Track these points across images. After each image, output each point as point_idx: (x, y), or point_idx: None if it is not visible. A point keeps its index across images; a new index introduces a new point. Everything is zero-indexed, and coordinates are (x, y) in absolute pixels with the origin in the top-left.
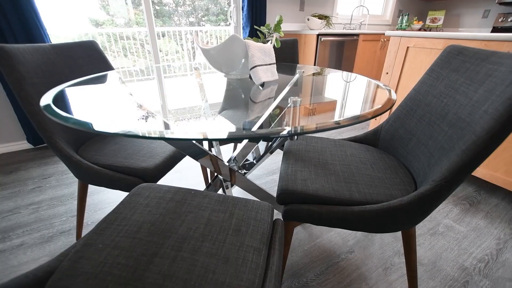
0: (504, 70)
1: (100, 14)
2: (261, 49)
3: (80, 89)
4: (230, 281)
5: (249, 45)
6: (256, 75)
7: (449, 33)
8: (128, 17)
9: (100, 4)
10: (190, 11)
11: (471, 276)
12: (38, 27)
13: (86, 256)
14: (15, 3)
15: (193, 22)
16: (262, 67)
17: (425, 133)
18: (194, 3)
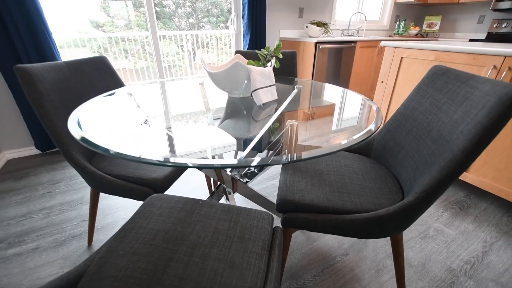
0: (478, 95)
1: (101, 15)
2: (261, 73)
3: (96, 111)
4: (236, 283)
5: (251, 70)
6: (258, 97)
7: (440, 46)
8: (128, 18)
9: (100, 5)
10: (190, 13)
11: (457, 277)
12: (45, 34)
13: (109, 261)
14: (23, 9)
15: (193, 23)
16: (263, 89)
17: (412, 146)
18: (195, 5)
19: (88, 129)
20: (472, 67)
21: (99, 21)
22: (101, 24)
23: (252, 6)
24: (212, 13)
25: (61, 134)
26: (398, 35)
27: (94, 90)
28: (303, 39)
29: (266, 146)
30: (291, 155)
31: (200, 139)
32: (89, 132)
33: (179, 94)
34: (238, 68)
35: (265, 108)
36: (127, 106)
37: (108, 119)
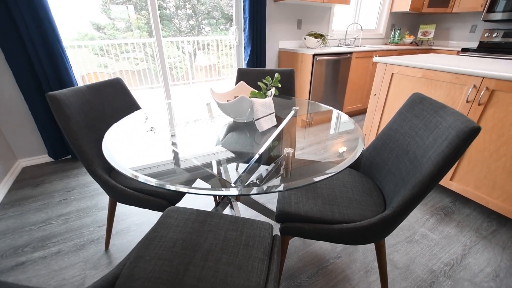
0: (445, 125)
1: (102, 17)
2: (263, 104)
3: (121, 138)
4: (243, 283)
5: (254, 102)
6: (260, 125)
7: (428, 64)
8: (129, 21)
9: (102, 8)
10: (191, 15)
11: (437, 278)
12: (57, 46)
13: (139, 266)
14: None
15: (193, 25)
16: (264, 118)
17: (394, 164)
18: (195, 8)
19: (118, 156)
20: (455, 85)
21: (100, 23)
22: (102, 26)
23: (252, 20)
24: (213, 15)
25: (86, 152)
26: (393, 43)
27: (111, 110)
28: (301, 51)
29: (266, 166)
30: (287, 183)
31: (210, 159)
32: (119, 158)
33: (189, 115)
34: (243, 101)
35: (265, 132)
36: (145, 131)
37: (130, 145)
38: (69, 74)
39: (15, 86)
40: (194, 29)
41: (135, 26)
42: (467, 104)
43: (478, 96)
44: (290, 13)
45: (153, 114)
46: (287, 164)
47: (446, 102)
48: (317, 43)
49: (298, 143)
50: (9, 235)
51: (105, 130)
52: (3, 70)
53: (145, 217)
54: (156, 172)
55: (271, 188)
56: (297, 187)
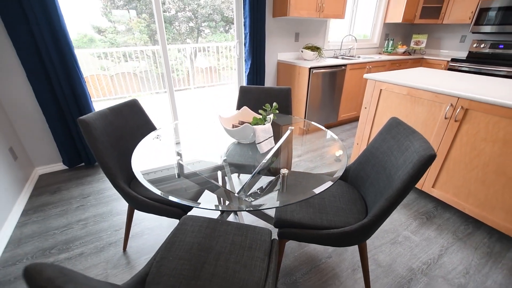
0: (412, 149)
1: (102, 20)
2: (263, 130)
3: (144, 159)
4: (248, 278)
5: (256, 129)
6: (261, 148)
7: (411, 83)
8: (130, 25)
9: (102, 11)
10: (190, 17)
11: (415, 275)
12: (71, 59)
13: (164, 264)
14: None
15: (193, 27)
16: (265, 142)
17: (375, 178)
18: (195, 11)
19: (140, 174)
20: (435, 103)
21: (101, 27)
22: (103, 29)
23: (253, 36)
24: (213, 17)
25: (111, 167)
26: (387, 53)
27: (130, 129)
28: (298, 63)
29: (266, 176)
30: (284, 199)
31: (217, 172)
32: (140, 175)
33: (198, 135)
34: (247, 128)
35: (265, 153)
36: (162, 152)
37: (149, 163)
38: (82, 87)
39: (34, 98)
40: (194, 32)
41: (136, 29)
42: (445, 120)
43: (455, 113)
44: (288, 27)
45: (165, 133)
46: (283, 182)
47: (427, 118)
48: (314, 56)
49: (295, 150)
50: (36, 239)
51: (124, 146)
52: (25, 87)
53: (157, 222)
54: (171, 185)
55: (270, 205)
56: (290, 204)
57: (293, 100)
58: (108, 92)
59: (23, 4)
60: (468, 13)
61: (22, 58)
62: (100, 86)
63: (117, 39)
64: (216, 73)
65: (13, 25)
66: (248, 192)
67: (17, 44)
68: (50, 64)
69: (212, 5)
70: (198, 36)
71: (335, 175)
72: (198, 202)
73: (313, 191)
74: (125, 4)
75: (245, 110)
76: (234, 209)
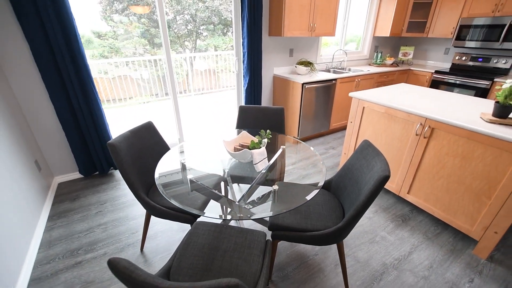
0: (376, 169)
1: (102, 25)
2: (259, 153)
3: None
4: (247, 269)
5: (253, 152)
6: (257, 167)
7: (388, 103)
8: (129, 29)
9: (101, 15)
10: (189, 20)
11: (387, 269)
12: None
13: (183, 260)
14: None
15: (192, 30)
16: (260, 162)
17: (350, 190)
18: (195, 16)
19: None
20: (408, 121)
21: (100, 31)
22: (103, 34)
23: (250, 54)
24: (211, 20)
25: (133, 182)
26: (376, 64)
27: (147, 148)
28: (292, 78)
29: (263, 186)
30: (277, 209)
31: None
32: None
33: (204, 151)
34: (246, 152)
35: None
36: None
37: (164, 179)
38: (98, 105)
39: (55, 116)
40: (192, 34)
41: (135, 33)
42: (416, 136)
43: (423, 131)
44: (283, 44)
45: (176, 154)
46: (274, 195)
47: (402, 133)
48: (307, 70)
49: (289, 159)
50: (64, 241)
51: (143, 163)
52: (48, 106)
53: (167, 226)
54: (184, 196)
55: (265, 214)
56: (281, 213)
57: (288, 111)
58: (111, 94)
59: (49, 36)
60: (450, 28)
61: (46, 82)
62: (103, 88)
63: (116, 44)
64: (215, 76)
65: (40, 54)
66: (247, 201)
67: (43, 71)
68: (71, 87)
69: (211, 6)
70: (197, 39)
71: (319, 184)
72: (204, 212)
73: (298, 202)
74: (124, 9)
75: (245, 134)
76: (236, 216)
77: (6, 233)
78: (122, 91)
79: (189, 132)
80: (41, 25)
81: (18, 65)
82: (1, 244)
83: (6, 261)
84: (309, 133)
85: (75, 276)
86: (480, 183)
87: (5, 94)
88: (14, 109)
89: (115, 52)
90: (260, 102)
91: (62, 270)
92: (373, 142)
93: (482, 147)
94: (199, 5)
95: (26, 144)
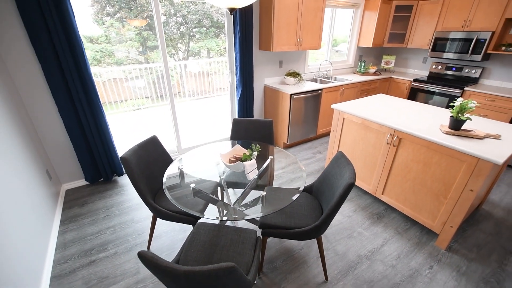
0: (345, 177)
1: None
2: (250, 164)
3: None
4: (241, 260)
5: (245, 164)
6: (248, 177)
7: (364, 115)
8: (123, 32)
9: (93, 18)
10: (181, 22)
11: (361, 260)
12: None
13: (188, 254)
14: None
15: (184, 32)
16: (251, 172)
17: (327, 193)
18: (186, 18)
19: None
20: (380, 132)
21: (93, 36)
22: (95, 38)
23: (242, 68)
24: (203, 23)
25: (142, 190)
26: (360, 73)
27: (152, 159)
28: (282, 89)
29: (255, 191)
30: (266, 210)
31: (217, 189)
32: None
33: (203, 161)
34: (239, 164)
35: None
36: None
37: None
38: (104, 120)
39: (63, 128)
40: (185, 36)
41: (127, 37)
42: (387, 145)
43: (393, 140)
44: (273, 57)
45: (179, 165)
46: (263, 200)
47: (376, 142)
48: (295, 81)
49: (279, 163)
50: (77, 243)
51: (149, 172)
52: (57, 119)
53: (170, 227)
54: (184, 200)
55: (256, 215)
56: (269, 214)
57: (278, 118)
58: (106, 97)
59: (60, 58)
60: (426, 40)
61: (56, 99)
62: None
63: (108, 48)
64: (208, 77)
65: (51, 73)
66: (241, 203)
67: (54, 89)
68: (79, 105)
69: (201, 10)
70: (189, 41)
71: (300, 188)
72: (204, 214)
73: (283, 204)
74: (116, 12)
75: (237, 148)
76: (231, 217)
77: (28, 237)
78: (113, 94)
79: (186, 139)
80: (52, 48)
81: (30, 83)
82: (26, 247)
83: (31, 261)
84: (298, 138)
85: (91, 273)
86: (438, 185)
87: (21, 112)
88: (27, 125)
89: (107, 56)
90: (253, 111)
91: (78, 268)
92: (352, 149)
93: (438, 155)
94: (191, 8)
95: (39, 156)
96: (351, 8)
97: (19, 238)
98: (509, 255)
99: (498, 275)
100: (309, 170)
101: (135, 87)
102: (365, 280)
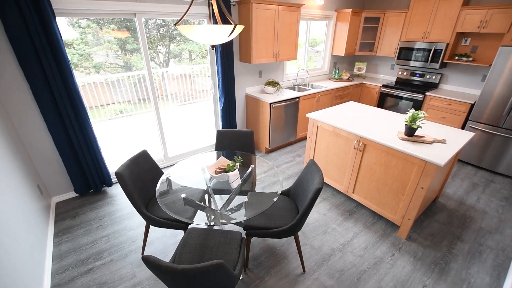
0: (315, 182)
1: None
2: (233, 174)
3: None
4: (228, 259)
5: (229, 175)
6: (232, 185)
7: (334, 124)
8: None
9: (69, 21)
10: (161, 24)
11: (334, 252)
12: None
13: (182, 255)
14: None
15: (164, 34)
16: (234, 181)
17: (302, 197)
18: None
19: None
20: (348, 138)
21: (67, 40)
22: (69, 42)
23: (224, 79)
24: None
25: (136, 201)
26: (335, 79)
27: (144, 172)
28: (262, 98)
29: (240, 196)
30: (249, 214)
31: (204, 196)
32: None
33: (190, 171)
34: (224, 175)
35: (235, 186)
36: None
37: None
38: (93, 134)
39: (52, 143)
40: (165, 38)
41: (105, 39)
42: (354, 150)
43: (359, 146)
44: (253, 68)
45: (168, 176)
46: (246, 205)
47: (345, 147)
48: (274, 90)
49: (261, 167)
50: (73, 253)
51: (142, 184)
52: (46, 135)
53: (161, 233)
54: (175, 208)
55: (240, 219)
56: (252, 217)
57: (260, 124)
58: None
59: (48, 77)
60: (392, 49)
61: (45, 116)
62: None
63: (86, 50)
64: (191, 80)
65: (38, 91)
66: (227, 208)
67: (42, 107)
68: (68, 121)
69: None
70: (170, 43)
71: (278, 192)
72: (193, 220)
73: (264, 208)
74: None
75: (223, 159)
76: (218, 222)
77: (27, 250)
78: (93, 98)
79: (172, 147)
80: (40, 67)
81: (19, 103)
82: (25, 259)
83: (31, 272)
84: (279, 143)
85: (90, 280)
86: (397, 184)
87: (9, 129)
88: (16, 142)
89: (85, 59)
90: (235, 119)
91: (77, 276)
92: (326, 153)
93: (396, 158)
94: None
95: (29, 171)
96: (324, 20)
97: (16, 252)
98: (457, 240)
99: (446, 258)
100: (289, 173)
101: (116, 89)
102: (337, 270)
